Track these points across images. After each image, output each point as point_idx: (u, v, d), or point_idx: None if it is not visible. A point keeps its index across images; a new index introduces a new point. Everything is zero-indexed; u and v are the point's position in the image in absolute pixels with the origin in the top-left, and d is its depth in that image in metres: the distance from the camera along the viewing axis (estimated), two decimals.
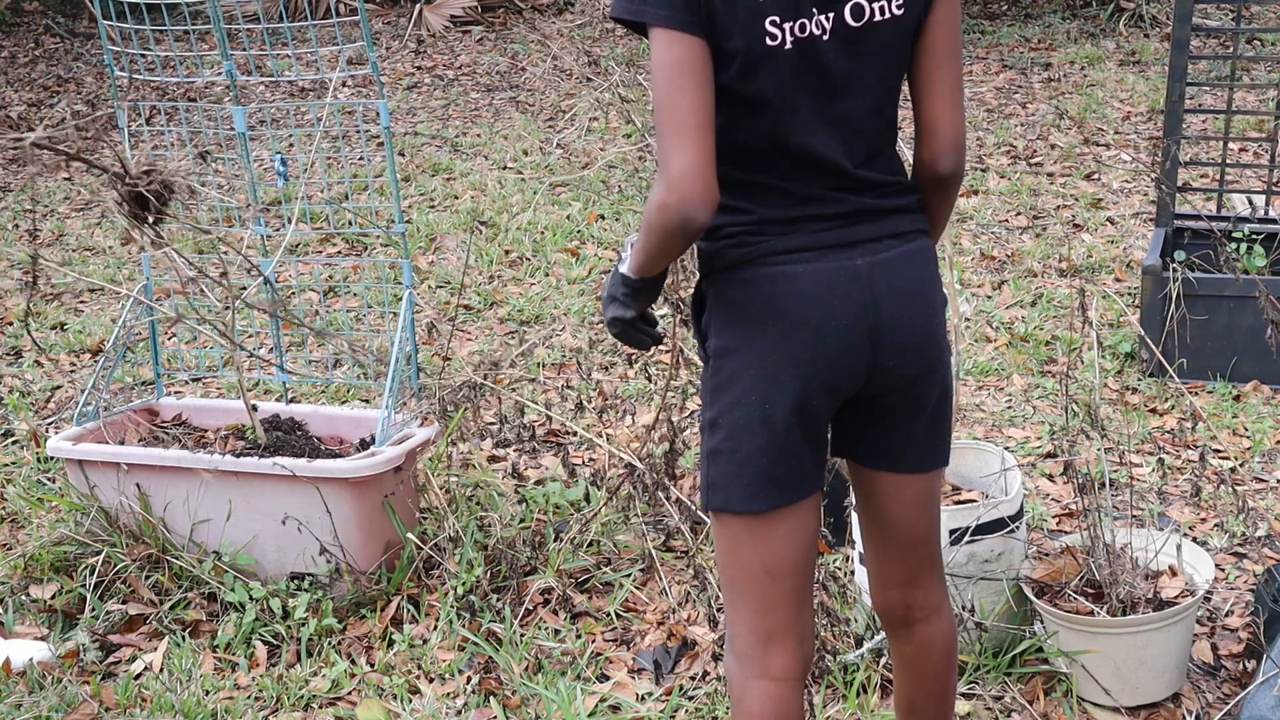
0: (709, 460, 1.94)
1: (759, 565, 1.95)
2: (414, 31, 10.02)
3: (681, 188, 1.74)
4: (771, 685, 1.98)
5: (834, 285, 1.87)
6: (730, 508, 1.94)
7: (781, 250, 1.87)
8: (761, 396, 1.87)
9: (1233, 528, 3.39)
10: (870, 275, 1.89)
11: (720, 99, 1.79)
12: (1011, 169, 6.58)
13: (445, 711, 2.84)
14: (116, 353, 3.52)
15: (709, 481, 1.95)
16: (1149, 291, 4.24)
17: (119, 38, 3.49)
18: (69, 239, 6.39)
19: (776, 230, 1.87)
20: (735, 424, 1.90)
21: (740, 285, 1.88)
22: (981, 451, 3.05)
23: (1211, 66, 7.76)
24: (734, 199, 1.86)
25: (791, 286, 1.86)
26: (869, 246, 1.89)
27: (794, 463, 1.92)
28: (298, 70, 7.46)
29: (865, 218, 1.90)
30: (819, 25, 1.81)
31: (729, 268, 1.89)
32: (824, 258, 1.87)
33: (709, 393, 1.94)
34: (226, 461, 3.21)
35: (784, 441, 1.89)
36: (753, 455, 1.89)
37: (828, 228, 1.88)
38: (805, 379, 1.88)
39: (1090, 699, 2.72)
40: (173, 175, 2.82)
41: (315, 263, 5.48)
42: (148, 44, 3.58)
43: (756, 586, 1.96)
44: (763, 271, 1.87)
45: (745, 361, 1.88)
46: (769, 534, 1.94)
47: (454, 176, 6.88)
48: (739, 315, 1.89)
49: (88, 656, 3.06)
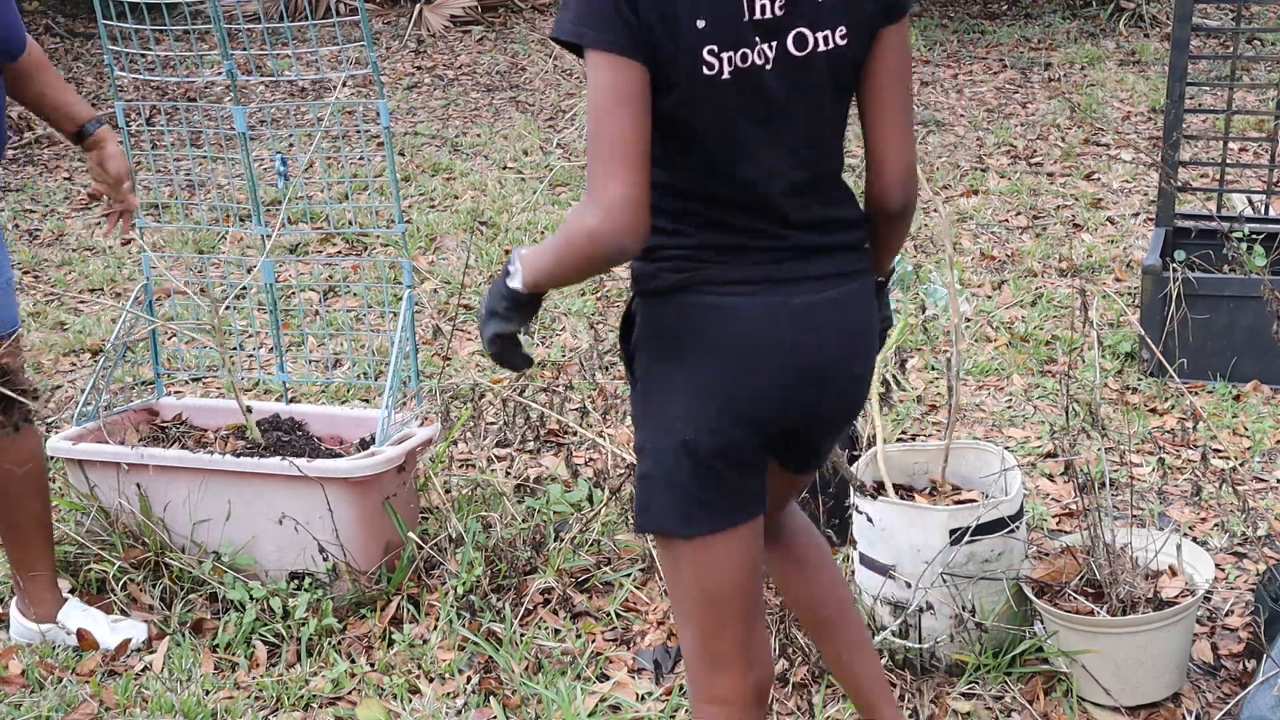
0: (640, 483, 1.90)
1: (700, 589, 1.91)
2: (414, 31, 10.02)
3: (616, 219, 1.68)
4: (719, 710, 1.95)
5: (771, 324, 1.83)
6: (663, 530, 1.90)
7: (722, 280, 1.82)
8: (686, 426, 1.82)
9: (1233, 527, 3.39)
10: (809, 316, 1.85)
11: (661, 126, 1.74)
12: (1011, 169, 6.58)
13: (445, 711, 2.84)
14: (116, 353, 3.52)
15: (641, 504, 1.91)
16: (1149, 291, 4.24)
17: (119, 37, 3.49)
18: (69, 239, 6.39)
19: (716, 258, 1.82)
20: (661, 450, 1.85)
21: (676, 310, 1.84)
22: (981, 451, 3.05)
23: (1211, 66, 7.76)
24: (673, 222, 1.82)
25: (729, 319, 1.82)
26: (809, 285, 1.85)
27: (724, 489, 1.87)
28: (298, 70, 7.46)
29: (804, 255, 1.86)
30: (761, 54, 1.76)
31: (666, 290, 1.84)
32: (762, 293, 1.83)
33: (637, 418, 1.90)
34: (226, 461, 3.21)
35: (710, 470, 1.85)
36: (681, 482, 1.85)
37: (767, 261, 1.83)
38: (731, 415, 1.83)
39: (1090, 699, 2.72)
40: (23, 382, 2.90)
41: (315, 263, 5.48)
42: (148, 44, 3.58)
43: (698, 609, 1.93)
44: (701, 299, 1.82)
45: (673, 389, 1.84)
46: (705, 557, 1.89)
47: (454, 176, 6.88)
48: (671, 341, 1.84)
49: None
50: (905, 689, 2.76)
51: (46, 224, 6.64)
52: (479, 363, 4.74)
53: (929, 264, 5.25)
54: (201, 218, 5.11)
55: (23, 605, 3.14)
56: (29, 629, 3.14)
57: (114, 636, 3.09)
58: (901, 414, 4.11)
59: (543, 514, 3.46)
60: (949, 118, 7.50)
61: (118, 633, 3.10)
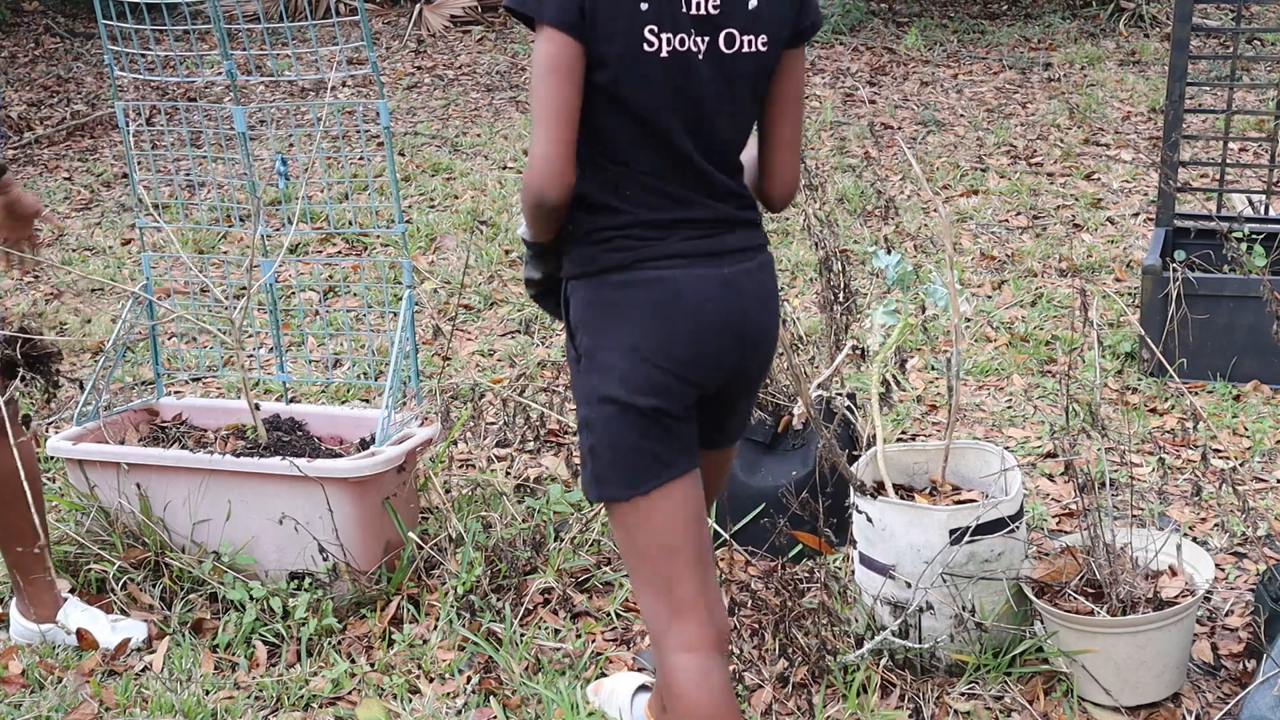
0: (590, 457, 2.05)
1: (655, 543, 2.06)
2: (414, 31, 10.02)
3: (539, 169, 1.92)
4: (690, 657, 2.07)
5: (709, 292, 2.02)
6: (619, 496, 2.05)
7: (661, 255, 2.00)
8: (632, 389, 1.99)
9: (1233, 527, 3.39)
10: (737, 284, 2.05)
11: (599, 99, 1.94)
12: (1011, 169, 6.58)
13: (445, 711, 2.84)
14: (116, 353, 3.52)
15: (594, 476, 2.06)
16: (1149, 291, 4.25)
17: (119, 37, 3.49)
18: (69, 239, 6.39)
19: (655, 235, 2.00)
20: (609, 418, 2.01)
21: (618, 287, 2.01)
22: (981, 451, 3.05)
23: (1211, 66, 7.76)
24: (610, 198, 2.00)
25: (671, 290, 2.00)
26: (734, 257, 2.05)
27: (667, 444, 2.04)
28: (298, 70, 7.46)
29: (728, 228, 2.05)
30: (695, 45, 1.96)
31: (606, 270, 2.01)
32: (697, 265, 2.02)
33: (581, 391, 2.05)
34: (226, 461, 3.21)
35: (652, 427, 2.01)
36: (631, 444, 2.01)
37: (699, 235, 2.02)
38: (677, 377, 2.01)
39: (1090, 699, 2.72)
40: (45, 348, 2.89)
41: (315, 263, 5.48)
42: (148, 44, 3.58)
43: (656, 564, 2.07)
44: (642, 275, 2.00)
45: (614, 357, 2.00)
46: (658, 512, 2.04)
47: (454, 176, 6.88)
48: (613, 314, 2.00)
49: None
50: (905, 689, 2.76)
51: (46, 224, 6.64)
52: (479, 363, 4.74)
53: (929, 264, 5.25)
54: (201, 218, 5.11)
55: (22, 606, 3.14)
56: (29, 629, 3.14)
57: (114, 636, 3.09)
58: (901, 414, 4.11)
59: (543, 514, 3.46)
60: (949, 118, 7.50)
61: (118, 632, 3.10)
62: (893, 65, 8.72)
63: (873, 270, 4.65)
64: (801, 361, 3.48)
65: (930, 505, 2.84)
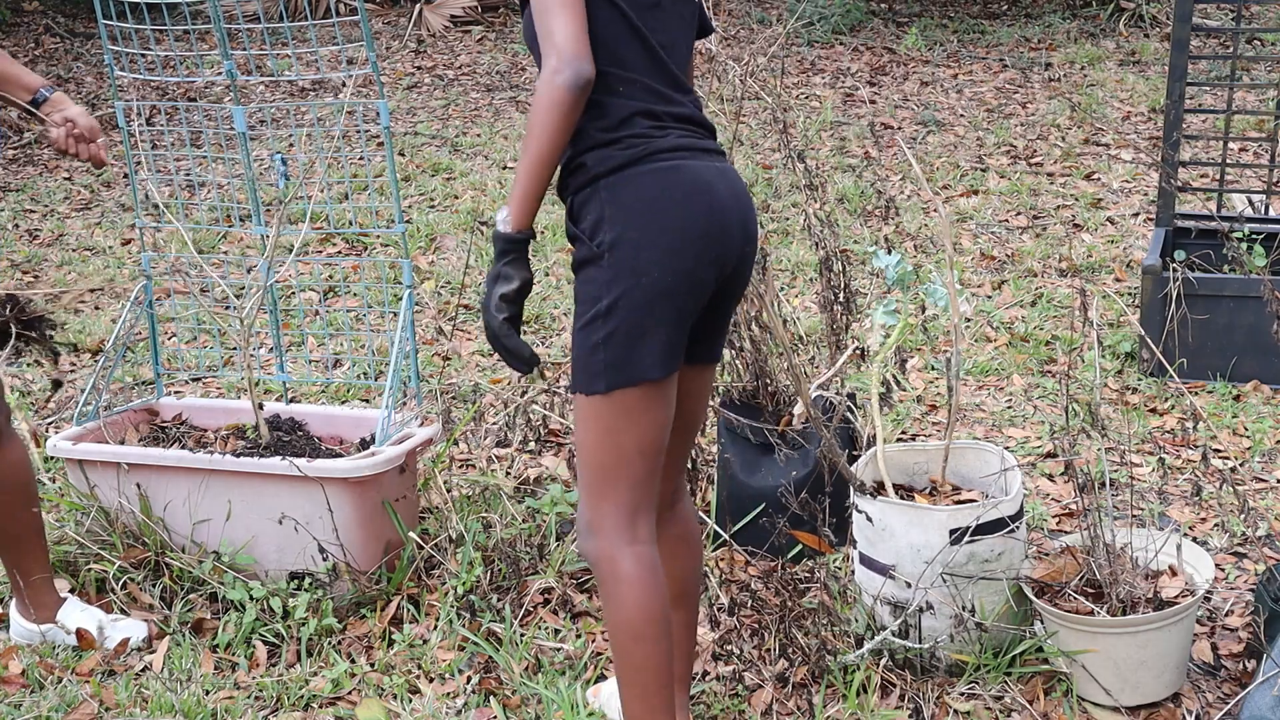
0: (605, 345, 2.13)
1: (634, 446, 2.19)
2: (414, 31, 10.02)
3: (568, 51, 2.03)
4: (640, 548, 2.22)
5: (714, 179, 2.20)
6: (634, 380, 2.14)
7: (670, 148, 2.17)
8: (666, 268, 2.12)
9: (1233, 527, 3.39)
10: (730, 176, 2.24)
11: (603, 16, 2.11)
12: (1011, 169, 6.58)
13: (445, 711, 2.84)
14: (116, 353, 3.52)
15: (608, 363, 2.14)
16: (1149, 291, 4.25)
17: (119, 37, 3.49)
18: (69, 239, 6.39)
19: (656, 131, 2.17)
20: (635, 301, 2.12)
21: (637, 178, 2.14)
22: (981, 451, 3.05)
23: (1211, 66, 7.76)
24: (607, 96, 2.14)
25: (685, 175, 2.16)
26: (718, 156, 2.26)
27: (683, 332, 2.19)
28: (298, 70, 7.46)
29: (707, 132, 2.27)
30: None
31: (620, 167, 2.14)
32: (698, 157, 2.20)
33: (604, 283, 2.13)
34: (227, 461, 3.21)
35: (679, 311, 2.16)
36: (653, 327, 2.13)
37: (691, 133, 2.22)
38: (699, 254, 2.15)
39: (1090, 699, 2.72)
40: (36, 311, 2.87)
41: (315, 263, 5.48)
42: (148, 44, 3.58)
43: (629, 467, 2.20)
44: (655, 165, 2.15)
45: (645, 242, 2.12)
46: (654, 406, 2.18)
47: (454, 176, 6.88)
48: (638, 204, 2.13)
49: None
50: (905, 689, 2.76)
51: (46, 224, 6.64)
52: (479, 363, 4.74)
53: (929, 264, 5.26)
54: (201, 218, 5.11)
55: (21, 607, 3.14)
56: (29, 630, 3.14)
57: (113, 636, 3.09)
58: (901, 414, 4.11)
59: (543, 514, 3.46)
60: (949, 118, 7.50)
61: (117, 632, 3.10)
62: (893, 65, 8.72)
63: (873, 270, 4.65)
64: (801, 361, 3.48)
65: (930, 505, 2.84)
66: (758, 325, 3.33)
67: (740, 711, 2.75)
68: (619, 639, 2.24)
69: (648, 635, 2.21)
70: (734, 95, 3.79)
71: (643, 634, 2.21)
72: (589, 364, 2.16)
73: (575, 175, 2.19)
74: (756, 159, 6.78)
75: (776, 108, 3.46)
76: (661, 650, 2.23)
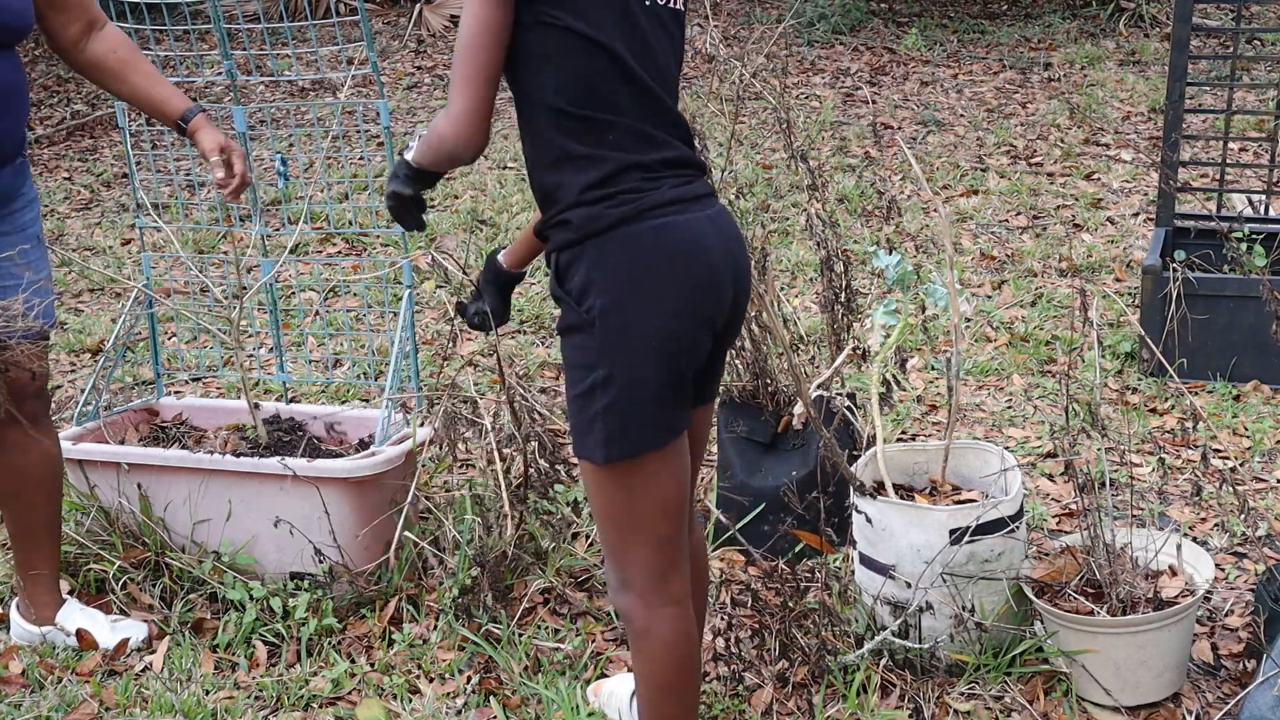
0: (605, 416, 2.05)
1: (656, 507, 2.11)
2: (414, 31, 10.02)
3: (458, 126, 2.01)
4: (676, 609, 2.17)
5: (705, 233, 2.09)
6: (639, 451, 2.06)
7: (662, 203, 2.05)
8: (660, 336, 2.03)
9: (1233, 527, 3.39)
10: (720, 223, 2.14)
11: (569, 40, 1.99)
12: (1011, 169, 6.58)
13: (445, 711, 2.84)
14: (116, 353, 3.52)
15: (608, 436, 2.05)
16: (1149, 291, 4.25)
17: None
18: (69, 239, 6.39)
19: (648, 184, 2.05)
20: (631, 372, 2.03)
21: (627, 240, 2.03)
22: (981, 451, 3.05)
23: (1211, 66, 7.76)
24: (595, 148, 2.03)
25: (676, 235, 2.05)
26: (708, 200, 2.14)
27: (684, 395, 2.11)
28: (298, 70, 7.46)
29: (697, 175, 2.15)
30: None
31: (614, 225, 2.02)
32: (691, 208, 2.09)
33: (595, 351, 2.04)
34: (226, 461, 3.21)
35: (678, 376, 2.08)
36: (653, 395, 2.05)
37: (683, 182, 2.10)
38: (695, 316, 2.08)
39: (1090, 699, 2.72)
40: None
41: (315, 263, 5.48)
42: (148, 44, 3.58)
43: (652, 527, 2.12)
44: (645, 225, 2.03)
45: (637, 309, 2.02)
46: (668, 468, 2.11)
47: (454, 176, 6.88)
48: (626, 268, 2.02)
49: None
50: (905, 689, 2.76)
51: (47, 224, 6.64)
52: (479, 363, 4.74)
53: (929, 264, 5.26)
54: (201, 218, 5.11)
55: (23, 607, 3.14)
56: (29, 631, 3.14)
57: (113, 636, 3.09)
58: (901, 414, 4.11)
59: (543, 514, 3.45)
60: (949, 118, 7.50)
61: (117, 632, 3.10)
62: (893, 65, 8.72)
63: (873, 270, 4.65)
64: (801, 361, 3.48)
65: (930, 505, 2.84)
66: (758, 325, 3.33)
67: (740, 711, 2.75)
68: (648, 691, 2.21)
69: (678, 688, 2.19)
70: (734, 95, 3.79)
71: (674, 688, 2.19)
72: (589, 434, 2.07)
73: (559, 231, 2.06)
74: (756, 159, 6.78)
75: (779, 107, 3.46)
76: (686, 703, 2.22)
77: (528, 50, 2.03)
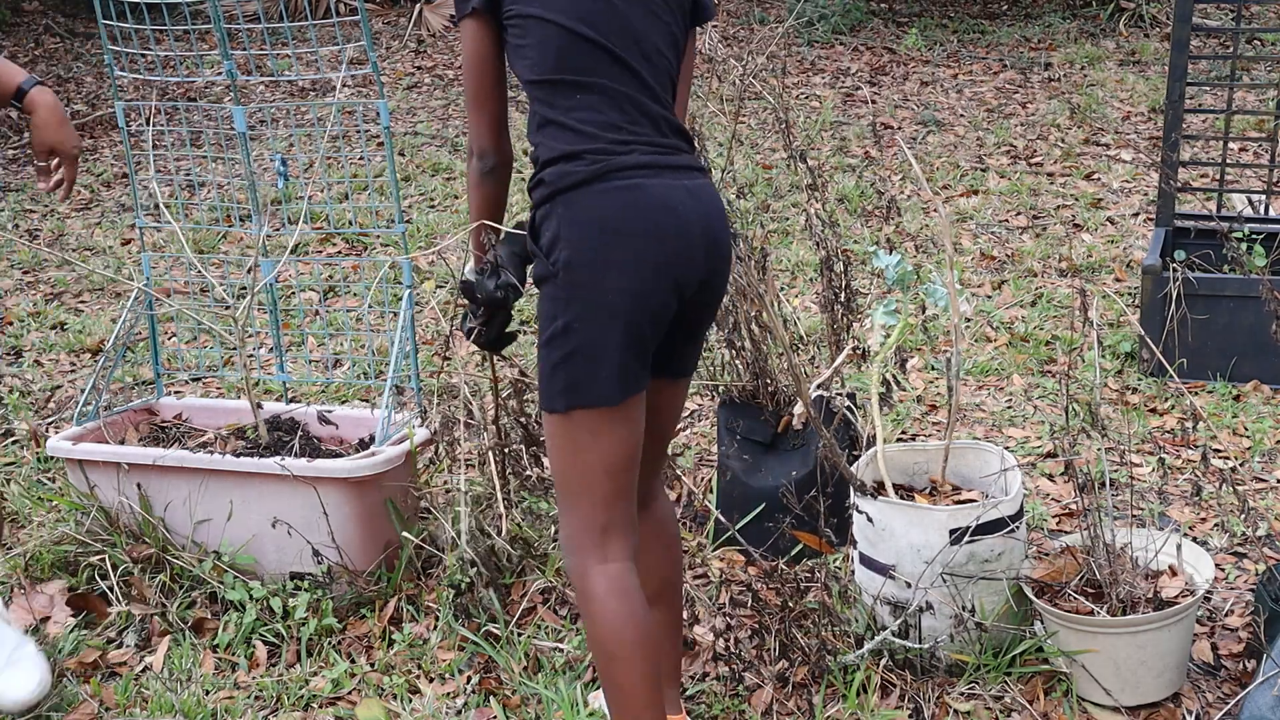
0: (563, 365, 2.13)
1: (599, 464, 2.17)
2: (414, 31, 10.02)
3: (480, 142, 2.24)
4: (615, 567, 2.20)
5: (677, 198, 2.15)
6: (590, 403, 2.13)
7: (628, 166, 2.13)
8: (620, 294, 2.09)
9: (1233, 527, 3.39)
10: (699, 194, 2.19)
11: (533, 27, 2.14)
12: (1011, 169, 6.58)
13: (445, 711, 2.84)
14: (116, 353, 3.52)
15: (566, 385, 2.13)
16: (1149, 291, 4.25)
17: (119, 37, 3.49)
18: (69, 239, 6.39)
19: (619, 148, 2.13)
20: (590, 324, 2.10)
21: (594, 196, 2.11)
22: (981, 451, 3.05)
23: (1211, 66, 7.76)
24: (570, 118, 2.14)
25: (645, 196, 2.12)
26: (689, 172, 2.20)
27: (643, 355, 2.16)
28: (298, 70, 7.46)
29: (675, 151, 2.21)
30: None
31: (578, 184, 2.11)
32: (663, 175, 2.16)
33: (560, 302, 2.12)
34: (226, 461, 3.21)
35: (639, 335, 2.13)
36: (611, 350, 2.11)
37: (656, 151, 2.17)
38: (659, 278, 2.12)
39: (1090, 699, 2.72)
40: None
41: (315, 263, 5.48)
42: (148, 44, 3.58)
43: (595, 484, 2.18)
44: (614, 184, 2.12)
45: (599, 264, 2.10)
46: (622, 424, 2.16)
47: (454, 176, 6.88)
48: (593, 224, 2.10)
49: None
50: (905, 689, 2.76)
51: (46, 224, 6.64)
52: (479, 363, 4.73)
53: (929, 264, 5.26)
54: (201, 218, 5.11)
55: None
56: None
57: None
58: (901, 414, 4.11)
59: (542, 514, 3.46)
60: (949, 118, 7.50)
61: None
62: (893, 65, 8.72)
63: (873, 270, 4.65)
64: (801, 361, 3.48)
65: (930, 505, 2.85)
66: (758, 325, 3.33)
67: (740, 711, 2.75)
68: (596, 657, 2.22)
69: (620, 655, 2.18)
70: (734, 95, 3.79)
71: (615, 654, 2.18)
72: (550, 382, 2.15)
73: (536, 190, 2.17)
74: (756, 159, 6.78)
75: (778, 107, 3.46)
76: (637, 670, 2.18)
77: (509, 44, 2.21)
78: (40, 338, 5.19)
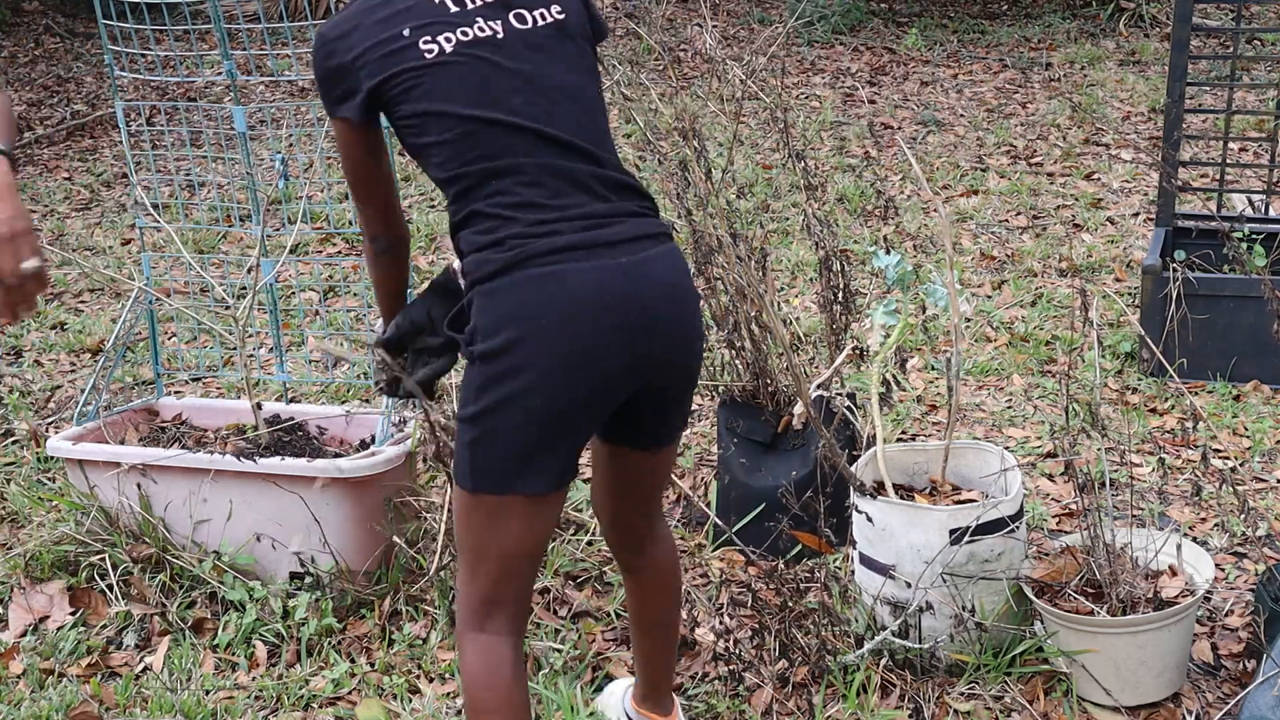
0: (471, 449, 2.04)
1: (496, 548, 2.09)
2: None
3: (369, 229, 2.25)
4: (483, 638, 2.13)
5: (603, 283, 1.99)
6: (501, 491, 2.04)
7: (549, 250, 1.98)
8: (533, 391, 1.98)
9: (1233, 527, 3.39)
10: (638, 272, 2.02)
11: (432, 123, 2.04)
12: (1011, 169, 6.58)
13: (445, 711, 2.84)
14: (116, 353, 3.52)
15: (474, 468, 2.05)
16: (1149, 291, 4.24)
17: (119, 37, 3.49)
18: (69, 239, 6.39)
19: (541, 231, 1.99)
20: (504, 416, 1.99)
21: (508, 289, 1.98)
22: (981, 451, 3.05)
23: (1211, 66, 7.76)
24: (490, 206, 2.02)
25: (562, 286, 1.97)
26: (630, 246, 2.03)
27: (558, 453, 2.05)
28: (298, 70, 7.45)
29: (613, 219, 2.04)
30: (487, 29, 2.07)
31: (494, 274, 1.99)
32: (592, 256, 2.00)
33: (473, 389, 2.02)
34: (226, 461, 3.21)
35: (559, 427, 2.02)
36: (520, 445, 2.01)
37: (587, 227, 2.01)
38: (584, 368, 1.99)
39: (1090, 699, 2.72)
40: None
41: (315, 263, 5.48)
42: (148, 44, 3.58)
43: (490, 564, 2.10)
44: (530, 272, 1.97)
45: (517, 361, 1.98)
46: (524, 519, 2.07)
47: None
48: (505, 317, 1.98)
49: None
50: (905, 689, 2.76)
51: (46, 224, 6.64)
52: None
53: (929, 264, 5.25)
54: (201, 218, 5.11)
55: None
56: None
57: None
58: (901, 414, 4.11)
59: None
60: (949, 118, 7.50)
61: None
62: (893, 65, 8.72)
63: (873, 270, 4.65)
64: (801, 361, 3.48)
65: (930, 505, 2.84)
66: (758, 325, 3.33)
67: (740, 711, 2.75)
68: (464, 710, 2.17)
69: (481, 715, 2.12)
70: (734, 95, 3.79)
71: (478, 711, 2.12)
72: (460, 457, 2.07)
73: (466, 278, 2.06)
74: (756, 159, 6.78)
75: (776, 108, 3.46)
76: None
77: (409, 144, 2.10)
78: (40, 338, 5.19)
